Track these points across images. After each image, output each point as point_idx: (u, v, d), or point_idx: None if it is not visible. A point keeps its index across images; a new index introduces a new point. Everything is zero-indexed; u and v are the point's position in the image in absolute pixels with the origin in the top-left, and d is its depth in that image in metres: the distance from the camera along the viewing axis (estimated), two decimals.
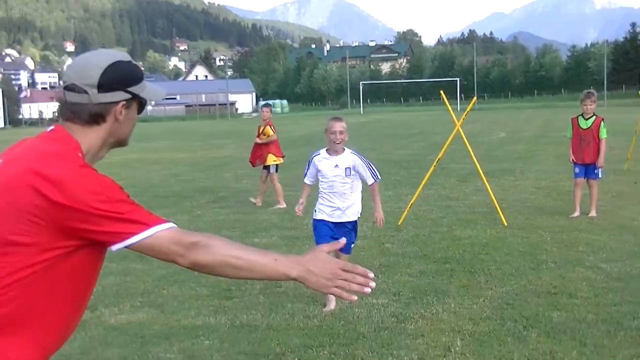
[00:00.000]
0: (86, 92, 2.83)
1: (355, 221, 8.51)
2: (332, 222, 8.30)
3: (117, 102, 2.87)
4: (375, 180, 8.40)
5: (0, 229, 2.63)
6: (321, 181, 8.39)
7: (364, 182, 8.46)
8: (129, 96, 2.90)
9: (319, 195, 8.45)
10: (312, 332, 7.37)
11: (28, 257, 2.63)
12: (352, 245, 8.67)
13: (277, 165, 16.35)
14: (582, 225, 12.63)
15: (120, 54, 2.98)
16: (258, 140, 16.54)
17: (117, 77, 2.86)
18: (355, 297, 2.83)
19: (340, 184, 8.24)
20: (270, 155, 16.28)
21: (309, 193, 8.85)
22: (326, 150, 8.36)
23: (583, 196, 13.63)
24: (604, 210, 13.69)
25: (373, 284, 2.79)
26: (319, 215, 8.40)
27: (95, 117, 2.86)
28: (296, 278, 2.76)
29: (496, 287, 8.81)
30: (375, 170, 8.41)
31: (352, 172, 8.25)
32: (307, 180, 8.64)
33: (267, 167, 16.37)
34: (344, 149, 8.33)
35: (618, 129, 32.94)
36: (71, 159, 2.69)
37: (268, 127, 16.33)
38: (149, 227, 2.65)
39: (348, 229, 8.37)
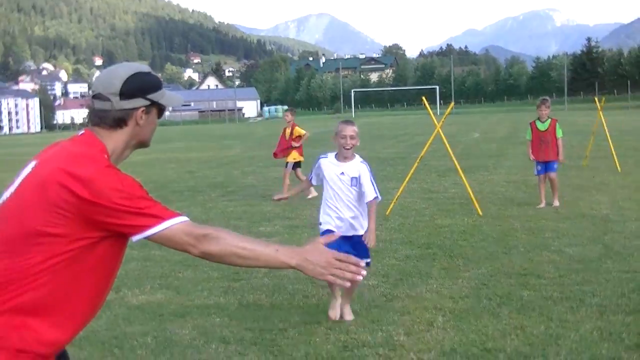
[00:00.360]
0: (109, 100, 2.84)
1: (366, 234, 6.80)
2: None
3: (137, 108, 2.88)
4: (376, 197, 6.75)
5: (34, 221, 2.63)
6: (325, 188, 6.86)
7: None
8: (147, 102, 2.90)
9: (323, 202, 6.92)
10: (310, 310, 7.31)
11: (58, 247, 2.63)
12: (369, 262, 6.89)
13: (296, 162, 16.14)
14: (547, 214, 12.58)
15: (141, 66, 2.99)
16: (294, 144, 16.18)
17: (137, 86, 2.87)
18: (349, 283, 2.81)
19: (346, 194, 6.73)
20: (293, 152, 16.12)
21: (302, 190, 7.70)
22: (335, 155, 6.86)
23: (547, 189, 13.58)
24: (566, 201, 13.64)
25: (364, 272, 2.80)
26: (325, 226, 6.82)
27: (119, 121, 2.86)
28: (295, 266, 2.75)
29: (473, 269, 8.75)
30: (377, 188, 6.84)
31: (359, 182, 6.73)
32: (313, 181, 7.11)
33: (292, 163, 16.22)
34: (355, 156, 6.84)
35: (577, 130, 32.99)
36: (97, 160, 2.70)
37: (297, 127, 16.17)
38: (164, 221, 2.67)
39: (355, 242, 6.70)
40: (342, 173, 6.73)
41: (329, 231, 6.59)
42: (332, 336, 6.42)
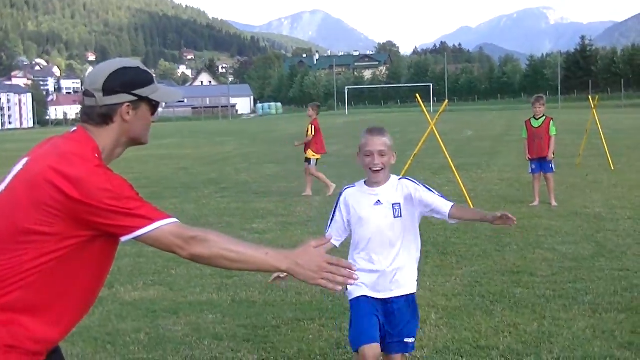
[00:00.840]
0: (94, 96, 2.83)
1: (412, 296, 4.64)
2: (376, 299, 4.54)
3: (120, 104, 2.84)
4: (451, 204, 4.63)
5: (24, 219, 2.63)
6: (354, 231, 4.63)
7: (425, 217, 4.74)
8: (133, 98, 2.87)
9: (350, 254, 4.67)
10: (303, 307, 7.31)
11: (48, 246, 2.62)
12: (413, 340, 4.69)
13: (316, 159, 16.07)
14: (541, 212, 12.61)
15: (130, 62, 2.97)
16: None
17: (120, 82, 2.84)
18: (340, 288, 2.78)
19: (387, 233, 4.52)
20: (309, 150, 16.05)
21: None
22: (364, 181, 4.66)
23: (541, 187, 13.59)
24: (559, 199, 13.65)
25: (356, 276, 2.78)
26: (356, 291, 4.56)
27: (104, 117, 2.84)
28: (286, 270, 2.75)
29: (466, 267, 8.76)
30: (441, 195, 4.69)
31: (405, 210, 4.55)
32: (333, 239, 4.57)
33: (307, 160, 16.14)
34: (390, 176, 4.65)
35: (571, 129, 33.01)
36: (88, 159, 2.68)
37: (310, 125, 16.06)
38: (153, 222, 2.65)
39: (399, 306, 4.56)
40: (379, 202, 4.56)
41: (363, 298, 4.53)
42: (325, 333, 6.43)
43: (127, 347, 6.25)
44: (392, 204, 4.55)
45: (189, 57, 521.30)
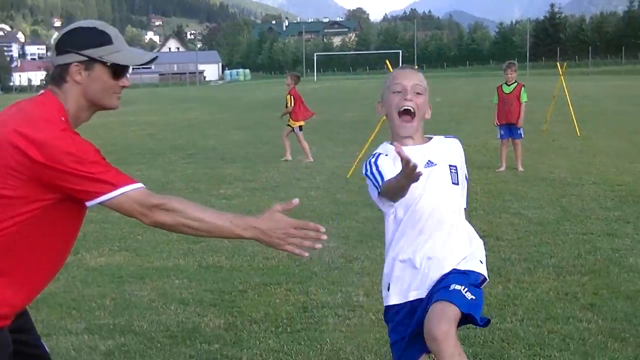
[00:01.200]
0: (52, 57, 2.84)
1: (478, 274, 3.33)
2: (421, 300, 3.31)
3: (69, 64, 2.79)
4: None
5: None
6: (394, 212, 3.37)
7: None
8: (81, 58, 2.79)
9: (390, 243, 3.42)
10: (270, 271, 7.32)
11: (13, 209, 2.61)
12: (467, 293, 3.19)
13: (300, 126, 16.00)
14: (507, 177, 12.71)
15: (89, 22, 2.89)
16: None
17: (70, 41, 2.80)
18: (307, 254, 2.75)
19: (442, 203, 3.33)
20: (290, 119, 16.04)
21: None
22: (391, 144, 3.44)
23: (508, 153, 13.68)
24: (526, 165, 13.76)
25: (325, 237, 2.73)
26: (393, 294, 3.39)
27: (58, 77, 2.82)
28: (251, 238, 2.72)
29: None
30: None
31: (460, 175, 3.50)
32: (383, 206, 3.36)
33: (292, 128, 16.09)
34: (430, 138, 3.66)
35: (538, 96, 33.13)
36: (53, 123, 2.65)
37: (288, 96, 16.01)
38: (116, 188, 2.63)
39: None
40: (430, 162, 3.37)
41: (399, 308, 3.37)
42: (291, 297, 6.45)
43: (92, 313, 6.22)
44: (450, 165, 3.41)
45: (157, 23, 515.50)
